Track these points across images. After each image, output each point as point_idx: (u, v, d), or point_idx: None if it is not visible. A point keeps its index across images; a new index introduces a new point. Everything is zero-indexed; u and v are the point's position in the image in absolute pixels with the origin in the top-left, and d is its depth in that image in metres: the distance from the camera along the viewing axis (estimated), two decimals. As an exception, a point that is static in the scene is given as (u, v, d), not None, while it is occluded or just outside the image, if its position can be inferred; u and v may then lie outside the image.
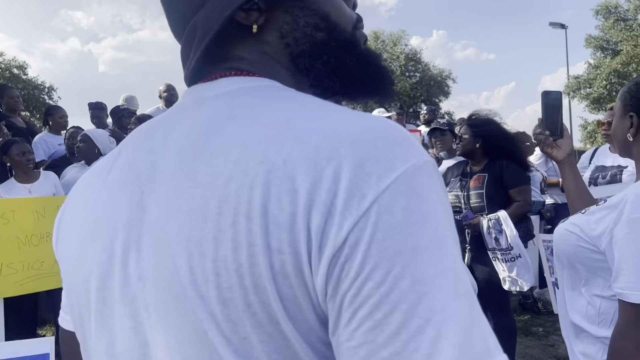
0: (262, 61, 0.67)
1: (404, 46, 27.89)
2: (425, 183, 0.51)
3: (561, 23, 27.33)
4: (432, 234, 0.49)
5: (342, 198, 0.48)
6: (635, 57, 24.65)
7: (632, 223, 1.31)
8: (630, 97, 1.49)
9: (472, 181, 3.36)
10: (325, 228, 0.49)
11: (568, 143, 1.77)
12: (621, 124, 1.51)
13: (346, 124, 0.53)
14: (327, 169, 0.50)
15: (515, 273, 3.11)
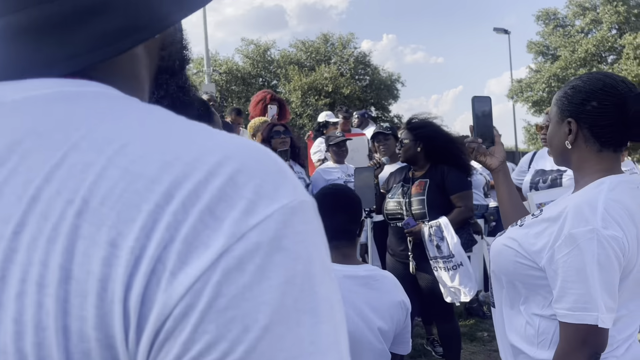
0: None
1: (353, 49, 28.05)
2: (297, 232, 0.38)
3: (504, 28, 28.27)
4: (298, 303, 0.36)
5: (177, 252, 0.34)
6: (573, 62, 25.76)
7: (573, 239, 1.21)
8: (567, 102, 1.38)
9: (414, 187, 3.27)
10: (147, 295, 0.34)
11: (501, 150, 1.71)
12: (558, 130, 1.41)
13: (197, 149, 0.39)
14: (163, 213, 0.35)
15: (457, 282, 3.04)
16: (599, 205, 1.22)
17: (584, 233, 1.20)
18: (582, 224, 1.21)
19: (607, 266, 1.18)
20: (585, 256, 1.19)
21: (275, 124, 4.20)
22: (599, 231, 1.19)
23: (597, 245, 1.19)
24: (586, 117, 1.34)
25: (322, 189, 1.75)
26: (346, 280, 1.56)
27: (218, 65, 26.60)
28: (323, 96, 25.12)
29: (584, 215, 1.22)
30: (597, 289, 1.17)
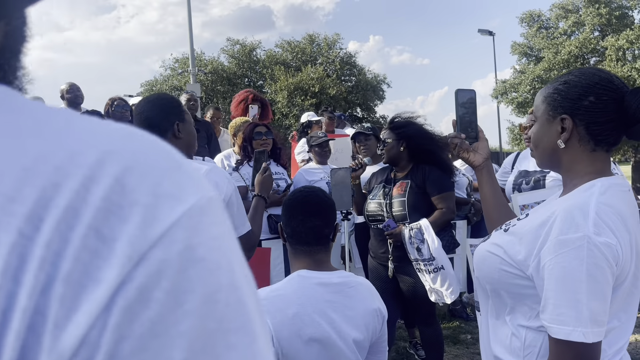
0: None
1: (339, 50, 28.01)
2: (213, 237, 0.31)
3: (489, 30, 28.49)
4: (224, 323, 0.30)
5: (59, 297, 0.26)
6: (557, 64, 25.97)
7: (561, 245, 1.13)
8: (561, 98, 1.29)
9: (395, 188, 3.21)
10: None
11: (485, 146, 1.63)
12: (548, 129, 1.32)
13: (67, 146, 0.30)
14: (32, 245, 0.27)
15: (438, 284, 2.98)
16: (591, 210, 1.14)
17: (574, 240, 1.11)
18: (572, 230, 1.13)
19: (597, 276, 1.10)
20: (574, 265, 1.10)
21: (257, 124, 4.11)
22: (590, 238, 1.10)
23: (588, 253, 1.10)
24: (584, 113, 1.25)
25: (293, 191, 1.66)
26: (319, 288, 1.49)
27: (203, 65, 26.39)
28: (309, 96, 25.04)
29: (574, 220, 1.14)
30: (585, 301, 1.08)
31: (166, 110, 1.99)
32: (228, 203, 1.94)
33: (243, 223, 2.02)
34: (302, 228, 1.53)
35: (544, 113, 1.36)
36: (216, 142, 5.71)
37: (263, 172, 2.37)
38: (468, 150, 1.61)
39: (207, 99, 25.30)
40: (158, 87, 27.22)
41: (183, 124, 2.01)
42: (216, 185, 1.91)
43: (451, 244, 3.22)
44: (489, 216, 1.63)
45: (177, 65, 27.26)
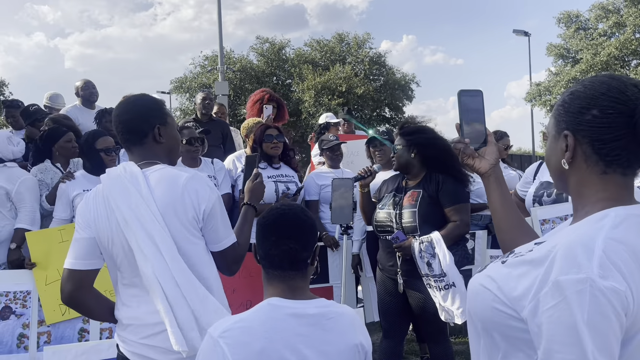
0: None
1: (368, 49, 27.71)
2: None
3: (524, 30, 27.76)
4: None
5: None
6: (595, 66, 25.10)
7: (560, 288, 0.93)
8: (564, 111, 1.11)
9: (406, 198, 3.01)
10: None
11: (493, 151, 1.43)
12: (554, 147, 1.14)
13: None
14: None
15: (449, 302, 2.77)
16: (597, 247, 0.94)
17: (574, 282, 0.92)
18: (572, 270, 0.93)
19: (601, 327, 0.90)
20: (574, 313, 0.91)
21: (269, 126, 3.96)
22: (593, 281, 0.91)
23: (590, 299, 0.90)
24: (585, 129, 1.07)
25: (269, 209, 1.49)
26: (291, 320, 1.31)
27: (232, 64, 26.51)
28: (336, 96, 24.85)
29: (576, 258, 0.94)
30: (589, 355, 0.90)
31: (146, 112, 1.84)
32: (211, 213, 1.79)
33: (227, 235, 1.86)
34: (275, 251, 1.37)
35: (552, 128, 1.17)
36: (232, 142, 5.59)
37: (254, 178, 2.21)
38: (473, 157, 1.43)
39: (235, 97, 25.39)
40: (187, 84, 27.47)
41: (165, 128, 1.86)
42: (196, 194, 1.76)
43: (464, 259, 3.00)
44: (499, 228, 1.44)
45: (207, 63, 27.43)
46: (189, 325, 1.67)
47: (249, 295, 3.51)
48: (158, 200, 1.72)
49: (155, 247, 1.67)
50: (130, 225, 1.69)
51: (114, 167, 1.87)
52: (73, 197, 3.34)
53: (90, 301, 1.84)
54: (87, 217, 1.79)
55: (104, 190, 1.78)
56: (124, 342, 1.80)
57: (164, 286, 1.66)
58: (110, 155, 3.43)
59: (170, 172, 1.79)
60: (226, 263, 1.88)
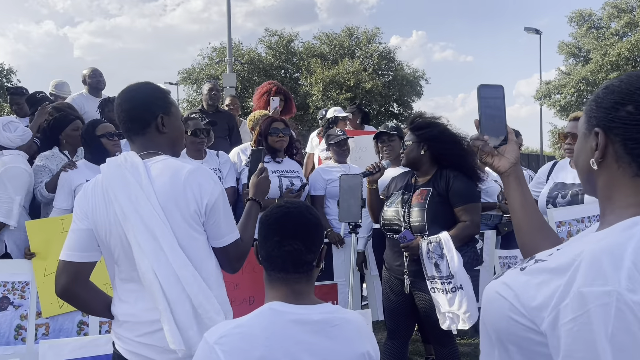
0: None
1: (377, 44, 27.52)
2: None
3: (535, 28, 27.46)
4: None
5: None
6: (605, 66, 24.82)
7: (583, 300, 0.84)
8: (596, 107, 1.02)
9: (415, 196, 2.92)
10: None
11: (514, 149, 1.36)
12: (584, 145, 1.06)
13: None
14: None
15: (455, 306, 2.69)
16: (626, 258, 0.86)
17: (599, 295, 0.84)
18: (597, 282, 0.85)
19: (626, 346, 0.81)
20: (596, 328, 0.83)
21: (275, 119, 3.88)
22: (620, 295, 0.82)
23: (616, 314, 0.82)
24: (619, 126, 0.98)
25: (271, 207, 1.39)
26: (294, 327, 1.23)
27: (240, 56, 26.41)
28: (344, 90, 24.71)
29: (601, 269, 0.86)
30: None
31: (149, 100, 1.76)
32: (213, 207, 1.71)
33: (230, 231, 1.79)
34: (278, 252, 1.29)
35: (582, 126, 1.09)
36: (238, 135, 5.51)
37: (259, 173, 2.13)
38: (492, 155, 1.36)
39: (243, 89, 25.31)
40: (195, 75, 27.40)
41: (168, 117, 1.79)
42: (199, 187, 1.68)
43: (473, 260, 2.91)
44: (519, 230, 1.37)
45: (215, 55, 27.34)
46: (188, 323, 1.60)
47: (251, 292, 3.44)
48: (159, 192, 1.65)
49: (155, 242, 1.60)
50: (129, 218, 1.61)
51: (115, 156, 1.80)
52: (75, 187, 3.27)
53: (85, 295, 1.77)
54: (85, 207, 1.72)
55: (103, 181, 1.71)
56: (119, 339, 1.73)
57: (162, 282, 1.59)
58: (112, 139, 3.36)
59: (172, 164, 1.72)
60: (228, 260, 1.80)
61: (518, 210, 1.35)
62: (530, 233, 1.33)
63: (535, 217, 1.35)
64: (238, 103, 6.24)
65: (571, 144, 2.91)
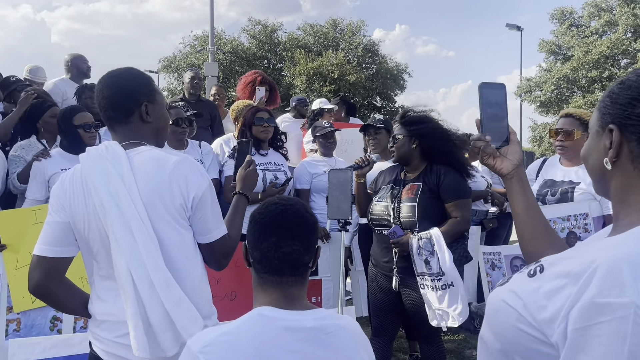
0: None
1: (362, 37, 27.42)
2: None
3: (517, 25, 27.66)
4: None
5: None
6: (586, 64, 25.12)
7: (597, 311, 0.78)
8: (611, 103, 0.96)
9: (405, 191, 2.85)
10: None
11: (516, 151, 1.30)
12: (597, 144, 1.00)
13: None
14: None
15: (445, 304, 2.63)
16: None
17: (617, 307, 0.77)
18: (614, 292, 0.78)
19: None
20: (612, 342, 0.77)
21: (260, 109, 3.76)
22: (639, 307, 0.76)
23: (634, 328, 0.75)
24: (635, 123, 0.92)
25: (264, 204, 1.28)
26: (285, 335, 1.14)
27: (223, 45, 26.08)
28: (328, 82, 24.59)
29: (619, 278, 0.79)
30: None
31: (132, 88, 1.65)
32: (200, 201, 1.61)
33: (218, 226, 1.69)
34: (275, 253, 1.19)
35: (594, 123, 1.02)
36: (220, 125, 5.37)
37: (247, 166, 2.03)
38: (494, 156, 1.30)
39: (225, 78, 25.00)
40: (176, 63, 26.99)
41: (153, 106, 1.68)
42: (186, 180, 1.58)
43: (463, 257, 2.85)
44: (522, 236, 1.30)
45: (197, 43, 26.94)
46: (163, 326, 1.49)
47: (234, 287, 3.34)
48: (141, 185, 1.54)
49: (132, 238, 1.50)
50: (108, 211, 1.50)
51: (95, 145, 1.68)
52: (50, 177, 3.13)
53: (61, 293, 1.66)
54: (62, 199, 1.60)
55: (82, 170, 1.60)
56: (97, 339, 1.63)
57: (137, 283, 1.48)
58: (90, 131, 3.22)
59: (157, 155, 1.60)
60: (215, 257, 1.70)
61: (521, 214, 1.28)
62: (534, 238, 1.27)
63: (540, 221, 1.29)
64: (224, 93, 6.09)
65: (562, 141, 2.87)
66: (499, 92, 1.31)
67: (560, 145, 2.88)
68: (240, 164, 2.06)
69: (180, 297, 1.53)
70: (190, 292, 1.57)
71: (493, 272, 4.31)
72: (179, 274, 1.57)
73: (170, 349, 1.49)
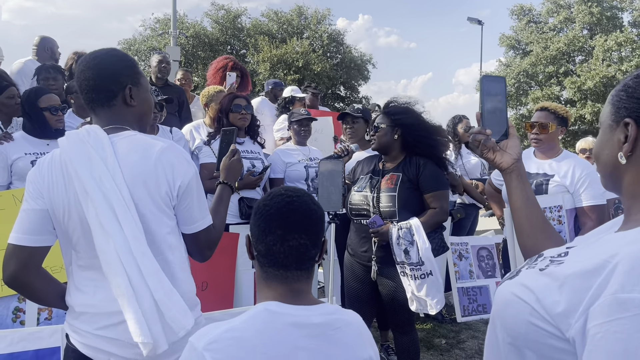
0: None
1: (327, 26, 27.29)
2: None
3: (478, 19, 28.11)
4: None
5: None
6: (544, 59, 25.84)
7: (620, 307, 0.76)
8: (627, 97, 0.95)
9: (384, 181, 2.84)
10: None
11: (515, 145, 1.30)
12: (609, 138, 0.99)
13: None
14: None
15: (424, 292, 2.65)
16: None
17: None
18: (638, 287, 0.77)
19: None
20: (634, 338, 0.76)
21: (238, 96, 3.66)
22: None
23: None
24: None
25: (270, 194, 1.22)
26: (293, 331, 1.09)
27: (185, 29, 25.45)
28: (292, 71, 24.40)
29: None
30: None
31: (116, 70, 1.56)
32: (187, 190, 1.54)
33: (203, 216, 1.62)
34: (281, 247, 1.14)
35: (607, 117, 1.01)
36: (188, 111, 5.23)
37: (231, 155, 1.97)
38: (494, 150, 1.29)
39: (187, 64, 24.45)
40: (136, 46, 26.18)
41: (137, 89, 1.59)
42: (172, 167, 1.51)
43: (440, 247, 2.88)
44: (520, 231, 1.30)
45: (158, 26, 26.21)
46: (152, 318, 1.43)
47: (205, 277, 3.26)
48: (126, 171, 1.46)
49: (118, 224, 1.42)
50: (92, 196, 1.42)
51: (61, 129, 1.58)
52: (13, 162, 2.96)
53: (37, 284, 1.56)
54: (40, 185, 1.50)
55: (62, 155, 1.50)
56: (75, 332, 1.54)
57: (127, 268, 1.41)
58: (56, 114, 3.06)
59: (142, 140, 1.52)
60: (199, 247, 1.64)
61: (520, 208, 1.28)
62: (533, 233, 1.26)
63: (538, 216, 1.28)
64: (190, 77, 5.93)
65: (538, 134, 2.92)
66: (499, 85, 1.31)
67: (535, 138, 2.93)
68: (224, 153, 1.99)
69: (170, 287, 1.46)
70: (175, 282, 1.51)
71: (460, 262, 4.38)
72: (165, 263, 1.50)
73: (162, 343, 1.43)
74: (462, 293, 4.06)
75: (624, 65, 23.02)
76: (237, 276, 3.25)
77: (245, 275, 3.22)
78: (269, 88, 6.08)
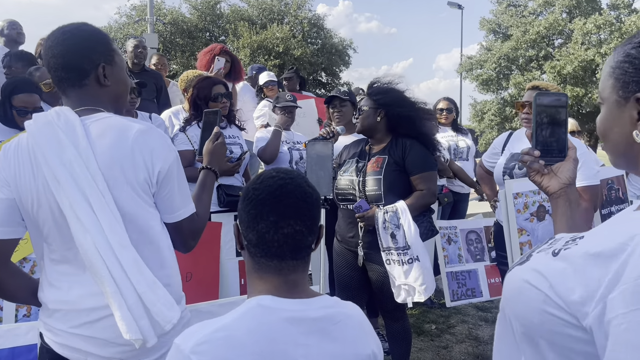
0: None
1: (308, 11, 27.00)
2: None
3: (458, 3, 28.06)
4: None
5: None
6: (524, 43, 25.93)
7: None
8: (634, 70, 0.88)
9: (370, 164, 2.76)
10: None
11: (569, 169, 1.22)
12: (619, 115, 0.92)
13: None
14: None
15: (411, 278, 2.58)
16: None
17: None
18: None
19: None
20: None
21: (216, 82, 3.47)
22: None
23: None
24: None
25: (260, 176, 1.10)
26: (290, 327, 1.00)
27: (162, 15, 24.95)
28: (273, 57, 24.12)
29: None
30: None
31: (88, 46, 1.43)
32: (167, 176, 1.44)
33: (186, 203, 1.52)
34: (274, 235, 1.03)
35: (611, 92, 0.93)
36: (166, 96, 5.08)
37: (215, 138, 1.86)
38: (540, 173, 1.23)
39: (165, 51, 24.01)
40: (112, 34, 25.59)
41: (111, 68, 1.47)
42: (151, 152, 1.40)
43: (429, 231, 2.82)
44: None
45: (135, 13, 25.64)
46: (138, 312, 1.33)
47: (189, 267, 3.15)
48: (100, 156, 1.35)
49: (92, 214, 1.31)
50: (63, 185, 1.31)
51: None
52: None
53: (7, 279, 1.46)
54: (6, 172, 1.39)
55: (29, 140, 1.38)
56: (49, 331, 1.44)
57: (107, 262, 1.31)
58: (24, 117, 2.91)
59: (117, 122, 1.41)
60: (182, 237, 1.54)
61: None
62: None
63: None
64: (165, 62, 5.76)
65: (529, 114, 2.86)
66: (558, 102, 1.20)
67: (527, 118, 2.87)
68: (207, 137, 1.88)
69: (153, 280, 1.36)
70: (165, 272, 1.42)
71: (449, 246, 4.35)
72: (155, 252, 1.41)
73: (151, 337, 1.33)
74: (451, 277, 4.02)
75: (603, 48, 23.22)
76: (221, 266, 3.15)
77: (230, 264, 3.13)
78: (252, 73, 5.94)
